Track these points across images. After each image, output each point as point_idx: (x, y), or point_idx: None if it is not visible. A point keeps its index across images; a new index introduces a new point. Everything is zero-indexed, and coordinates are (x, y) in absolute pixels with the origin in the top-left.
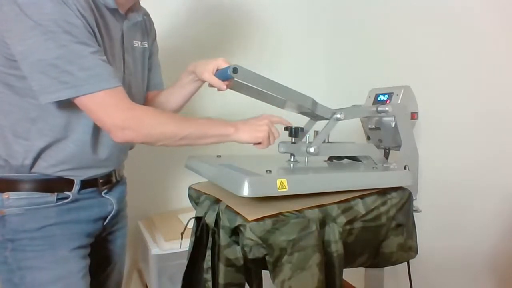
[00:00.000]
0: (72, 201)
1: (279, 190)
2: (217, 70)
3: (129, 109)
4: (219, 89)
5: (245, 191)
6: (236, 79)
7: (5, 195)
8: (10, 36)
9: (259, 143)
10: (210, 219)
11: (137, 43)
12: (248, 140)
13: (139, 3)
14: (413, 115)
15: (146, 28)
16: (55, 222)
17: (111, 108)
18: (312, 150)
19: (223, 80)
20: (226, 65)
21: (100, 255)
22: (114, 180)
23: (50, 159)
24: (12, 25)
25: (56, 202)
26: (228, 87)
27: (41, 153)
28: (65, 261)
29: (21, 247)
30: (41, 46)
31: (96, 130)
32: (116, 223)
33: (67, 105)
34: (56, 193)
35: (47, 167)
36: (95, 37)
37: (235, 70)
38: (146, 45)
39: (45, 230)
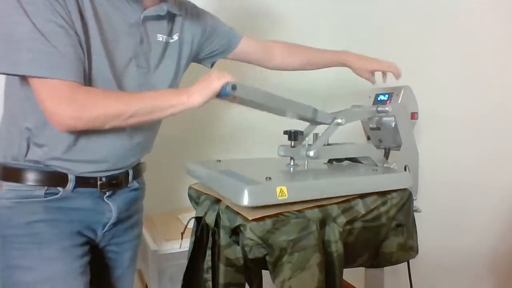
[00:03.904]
0: (62, 198)
1: (279, 198)
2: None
3: (70, 97)
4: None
5: (245, 201)
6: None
7: (0, 184)
8: None
9: (222, 96)
10: (210, 219)
11: (161, 37)
12: (204, 99)
13: None
14: (413, 115)
15: (177, 21)
16: (42, 218)
17: (53, 96)
18: (311, 153)
19: (223, 96)
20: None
21: (106, 267)
22: (122, 183)
23: (39, 141)
24: None
25: (44, 197)
26: (225, 100)
27: (32, 138)
28: (53, 261)
29: (8, 244)
30: None
31: None
32: (122, 235)
33: None
34: (45, 187)
35: (40, 155)
36: (71, 23)
37: (234, 87)
38: (177, 38)
39: (31, 226)
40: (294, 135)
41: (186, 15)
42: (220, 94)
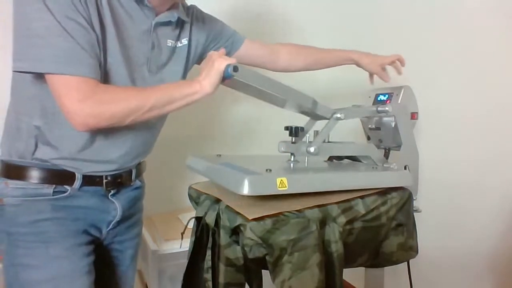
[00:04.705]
0: (70, 197)
1: (279, 188)
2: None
3: (90, 93)
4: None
5: (245, 190)
6: (236, 77)
7: (5, 182)
8: None
9: (224, 79)
10: (210, 219)
11: (170, 42)
12: (214, 82)
13: (179, 3)
14: (413, 115)
15: (185, 26)
16: (49, 217)
17: (73, 93)
18: (312, 149)
19: (224, 79)
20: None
21: (109, 265)
22: (125, 182)
23: (49, 140)
24: None
25: (52, 195)
26: (227, 85)
27: (41, 136)
28: (59, 260)
29: (14, 242)
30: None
31: None
32: (124, 233)
33: None
34: (53, 185)
35: (49, 154)
36: (90, 23)
37: (235, 68)
38: (186, 42)
39: (37, 225)
40: (295, 131)
41: (193, 20)
42: (223, 76)
